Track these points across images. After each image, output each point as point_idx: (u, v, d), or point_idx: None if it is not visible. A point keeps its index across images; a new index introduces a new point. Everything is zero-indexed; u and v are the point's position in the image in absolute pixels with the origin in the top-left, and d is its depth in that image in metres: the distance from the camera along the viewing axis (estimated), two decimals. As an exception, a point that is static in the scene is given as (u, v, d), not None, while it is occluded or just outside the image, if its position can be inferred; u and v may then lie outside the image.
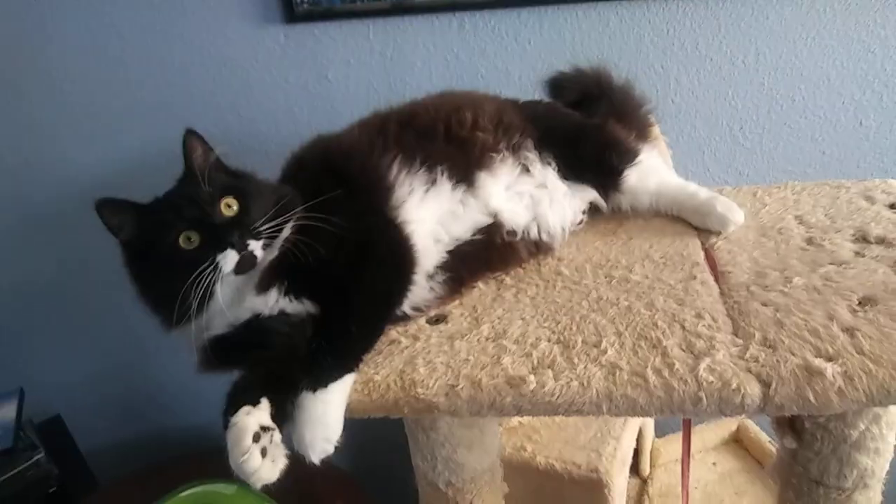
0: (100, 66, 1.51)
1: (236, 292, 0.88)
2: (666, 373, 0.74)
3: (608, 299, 0.89)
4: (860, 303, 0.80)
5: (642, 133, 1.21)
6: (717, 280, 0.90)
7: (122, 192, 1.63)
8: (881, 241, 0.92)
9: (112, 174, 1.62)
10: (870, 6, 1.35)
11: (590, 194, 1.12)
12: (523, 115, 1.12)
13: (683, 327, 0.81)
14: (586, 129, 1.14)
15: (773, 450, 1.55)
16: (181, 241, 0.84)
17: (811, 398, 0.69)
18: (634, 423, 1.43)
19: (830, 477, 0.86)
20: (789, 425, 0.88)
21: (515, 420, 1.44)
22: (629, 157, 1.11)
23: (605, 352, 0.79)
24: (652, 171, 1.12)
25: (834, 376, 0.70)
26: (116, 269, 1.76)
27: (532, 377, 0.77)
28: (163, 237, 0.84)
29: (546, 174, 1.08)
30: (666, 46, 1.42)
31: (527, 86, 1.46)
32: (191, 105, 1.54)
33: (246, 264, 0.85)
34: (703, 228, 1.05)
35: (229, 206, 0.86)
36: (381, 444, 1.84)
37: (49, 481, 1.52)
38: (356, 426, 0.81)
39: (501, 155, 1.05)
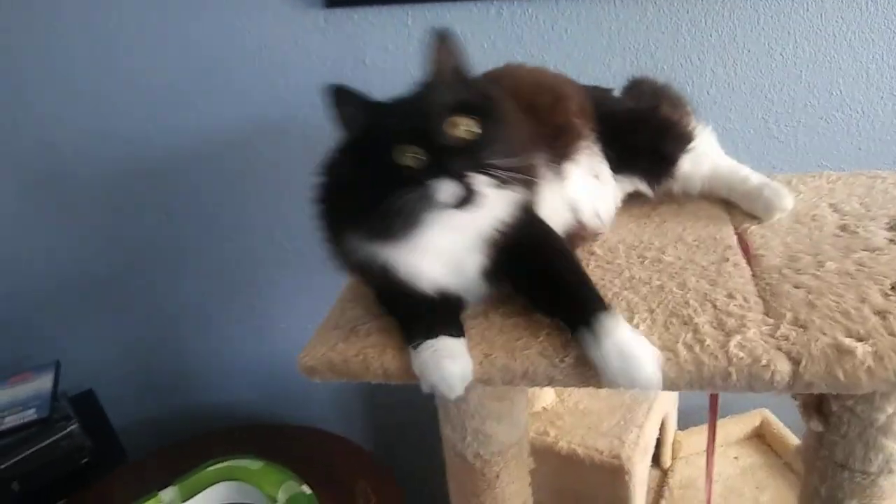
0: (140, 49, 1.55)
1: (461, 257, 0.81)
2: (697, 348, 0.76)
3: (640, 279, 0.90)
4: (893, 287, 0.80)
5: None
6: (749, 263, 0.91)
7: (162, 172, 1.68)
8: (915, 230, 0.92)
9: (151, 153, 1.66)
10: (911, 1, 1.35)
11: (636, 184, 1.10)
12: (592, 100, 1.08)
13: (715, 306, 0.82)
14: (641, 113, 1.10)
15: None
16: (401, 157, 0.74)
17: (840, 376, 0.70)
18: (657, 413, 1.44)
19: (856, 461, 0.86)
20: (816, 408, 0.88)
21: (539, 405, 1.45)
22: (684, 141, 1.08)
23: (637, 327, 0.80)
24: (705, 156, 1.09)
25: (864, 356, 0.71)
26: (150, 247, 1.81)
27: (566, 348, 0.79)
28: (380, 146, 0.75)
29: (601, 165, 1.05)
30: (703, 38, 1.42)
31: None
32: (230, 87, 1.57)
33: (465, 200, 0.74)
34: (751, 214, 1.04)
35: (469, 131, 0.75)
36: (403, 424, 1.87)
37: (82, 452, 1.56)
38: (379, 408, 0.83)
39: (587, 143, 1.01)
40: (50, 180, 1.71)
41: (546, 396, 1.46)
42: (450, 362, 0.78)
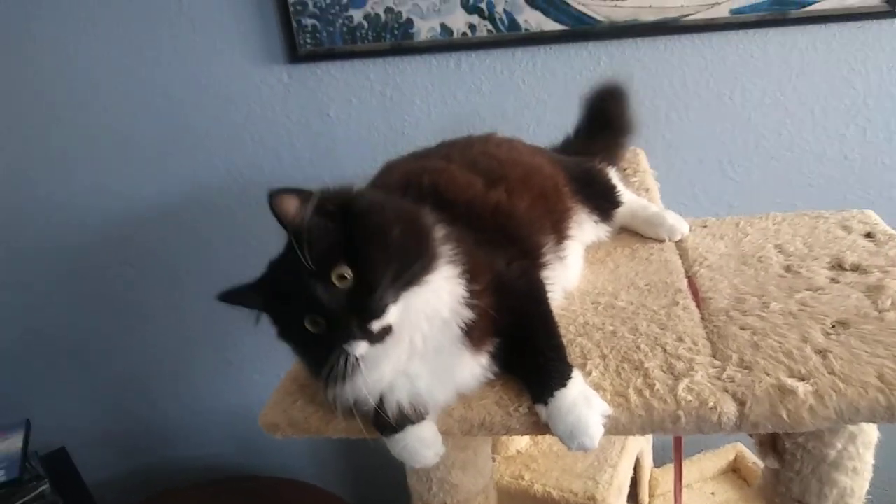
0: (105, 106, 1.58)
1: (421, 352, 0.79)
2: (647, 393, 0.78)
3: (594, 324, 0.92)
4: (833, 326, 0.84)
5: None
6: (698, 306, 0.94)
7: (128, 228, 1.68)
8: (856, 268, 0.96)
9: (116, 210, 1.67)
10: (851, 45, 1.41)
11: (598, 234, 1.15)
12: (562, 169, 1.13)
13: (665, 350, 0.84)
14: (587, 170, 1.17)
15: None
16: (308, 325, 0.75)
17: (784, 416, 0.73)
18: (631, 452, 1.45)
19: (811, 496, 0.88)
20: (771, 446, 0.90)
21: (513, 449, 1.46)
22: (620, 196, 1.17)
23: (589, 373, 0.83)
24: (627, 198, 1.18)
25: (805, 395, 0.73)
26: (120, 305, 1.80)
27: (520, 398, 0.81)
28: (289, 323, 0.78)
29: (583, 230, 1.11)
30: (655, 84, 1.48)
31: (521, 122, 1.52)
32: (197, 141, 1.60)
33: (380, 337, 0.74)
34: (653, 237, 1.13)
35: (343, 277, 0.73)
36: (377, 472, 1.86)
37: (54, 512, 1.54)
38: (354, 455, 0.84)
39: (577, 217, 1.08)
40: (15, 242, 1.71)
41: (520, 440, 1.47)
42: (424, 449, 0.83)
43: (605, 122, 1.31)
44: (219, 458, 1.99)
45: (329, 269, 0.73)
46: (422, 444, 0.82)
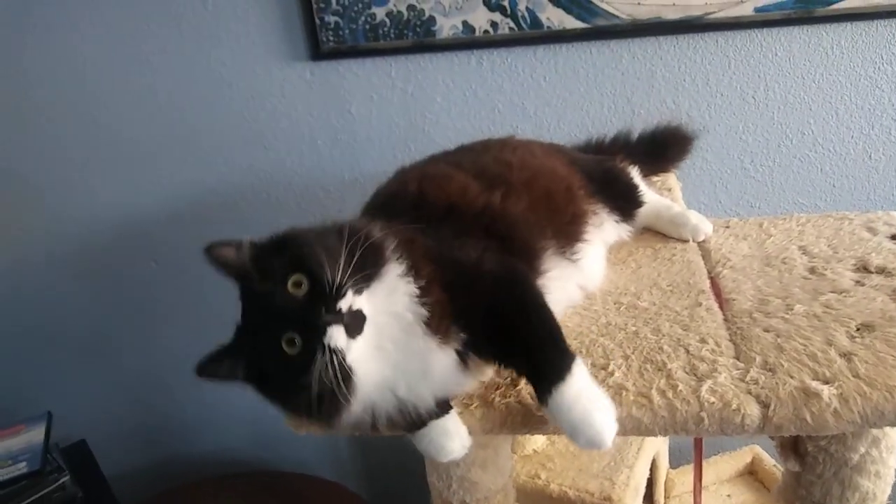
0: (130, 103, 1.59)
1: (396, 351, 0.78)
2: (670, 394, 0.78)
3: (616, 324, 0.92)
4: (858, 329, 0.83)
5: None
6: (721, 307, 0.93)
7: (151, 224, 1.69)
8: (881, 270, 0.95)
9: (144, 208, 1.69)
10: (875, 44, 1.40)
11: (619, 234, 1.15)
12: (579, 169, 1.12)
13: (688, 351, 0.84)
14: (608, 169, 1.17)
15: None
16: (286, 349, 0.74)
17: (808, 419, 0.73)
18: (648, 452, 1.44)
19: (833, 500, 0.88)
20: (792, 449, 0.90)
21: (530, 448, 1.46)
22: (643, 196, 1.17)
23: (612, 374, 0.82)
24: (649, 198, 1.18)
25: (830, 398, 0.73)
26: (141, 300, 1.81)
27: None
28: (268, 356, 0.77)
29: (604, 230, 1.11)
30: (677, 82, 1.47)
31: (542, 120, 1.51)
32: (219, 138, 1.61)
33: (356, 325, 0.74)
34: (676, 238, 1.13)
35: (298, 285, 0.74)
36: (395, 468, 1.86)
37: (74, 503, 1.55)
38: (370, 451, 0.84)
39: (594, 219, 1.06)
40: (43, 236, 1.73)
41: (537, 439, 1.47)
42: (449, 442, 0.82)
43: (658, 158, 1.34)
44: (237, 452, 2.00)
45: (284, 283, 0.74)
46: (447, 437, 0.82)
